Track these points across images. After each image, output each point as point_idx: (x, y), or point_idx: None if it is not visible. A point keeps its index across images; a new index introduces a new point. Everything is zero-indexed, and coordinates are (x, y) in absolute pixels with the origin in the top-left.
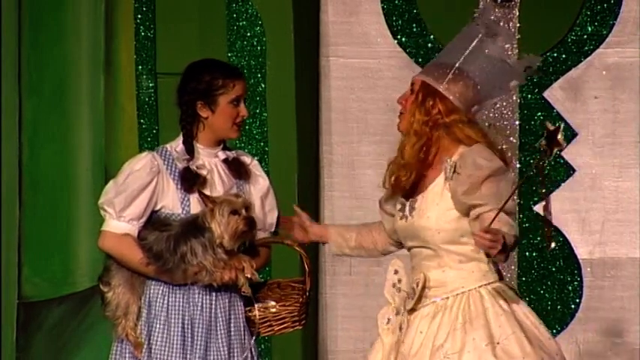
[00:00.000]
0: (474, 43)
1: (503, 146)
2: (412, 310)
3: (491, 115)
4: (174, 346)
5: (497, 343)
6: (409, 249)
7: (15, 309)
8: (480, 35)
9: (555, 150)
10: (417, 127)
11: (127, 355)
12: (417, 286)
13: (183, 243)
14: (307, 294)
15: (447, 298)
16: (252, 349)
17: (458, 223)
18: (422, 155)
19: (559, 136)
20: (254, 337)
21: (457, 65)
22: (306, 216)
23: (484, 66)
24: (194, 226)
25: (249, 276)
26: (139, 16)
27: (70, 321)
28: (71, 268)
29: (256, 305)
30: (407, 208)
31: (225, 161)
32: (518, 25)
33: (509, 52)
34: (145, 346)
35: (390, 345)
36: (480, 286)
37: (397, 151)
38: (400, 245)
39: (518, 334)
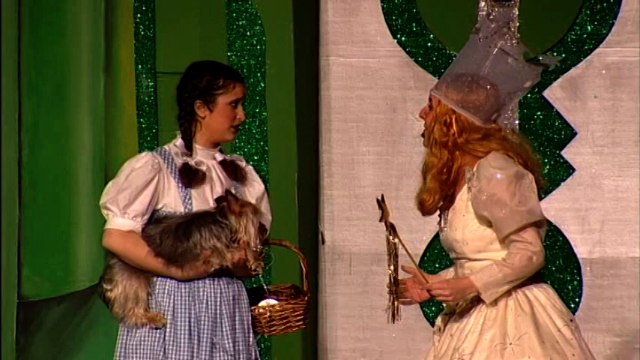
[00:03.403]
0: (487, 51)
1: (528, 149)
2: (451, 314)
3: None
4: (183, 341)
5: (510, 344)
6: (452, 260)
7: (15, 308)
8: (491, 43)
9: (386, 220)
10: (435, 150)
11: (132, 350)
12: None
13: (195, 230)
14: (309, 294)
15: (479, 302)
16: (255, 347)
17: (483, 232)
18: (444, 176)
19: (384, 206)
20: (258, 337)
21: (472, 76)
22: (419, 271)
23: (501, 72)
24: (209, 219)
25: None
26: (139, 15)
27: (70, 320)
28: (71, 267)
29: (261, 303)
30: (442, 221)
31: (222, 163)
32: (517, 24)
33: (520, 53)
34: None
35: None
36: (511, 290)
37: (421, 173)
38: None
39: (530, 334)
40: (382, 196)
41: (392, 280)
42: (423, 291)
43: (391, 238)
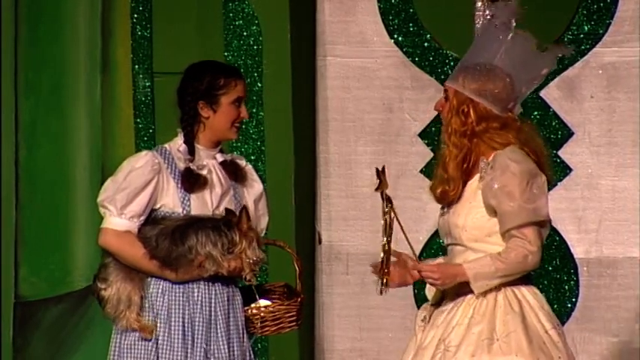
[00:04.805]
0: (501, 40)
1: (542, 144)
2: (437, 305)
3: None
4: (176, 343)
5: (497, 340)
6: (447, 246)
7: (12, 308)
8: (505, 31)
9: (382, 191)
10: (455, 140)
11: (126, 349)
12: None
13: (192, 234)
14: (302, 295)
15: (467, 295)
16: (249, 349)
17: (485, 222)
18: (464, 166)
19: (383, 177)
20: (253, 338)
21: (488, 66)
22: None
23: (516, 60)
24: (209, 224)
25: (254, 258)
26: (136, 15)
27: (67, 320)
28: (68, 267)
29: (253, 305)
30: (446, 206)
31: (223, 163)
32: (514, 24)
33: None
34: (155, 332)
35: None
36: (500, 287)
37: (439, 163)
38: None
39: (518, 333)
40: (383, 167)
41: (384, 251)
42: (404, 273)
43: (387, 209)
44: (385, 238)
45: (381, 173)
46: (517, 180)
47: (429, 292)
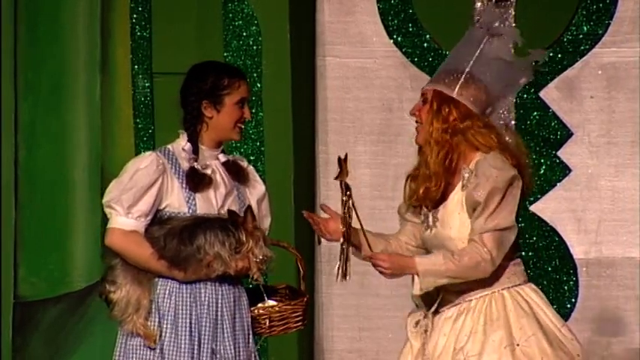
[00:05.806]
0: (480, 46)
1: (522, 147)
2: (436, 313)
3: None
4: (183, 344)
5: (517, 345)
6: None
7: (11, 308)
8: (485, 37)
9: (342, 180)
10: (436, 137)
11: (132, 350)
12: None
13: (201, 234)
14: (307, 295)
15: (471, 300)
16: (254, 349)
17: None
18: (447, 164)
19: (344, 165)
20: (261, 339)
21: (467, 70)
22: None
23: (493, 67)
24: (217, 224)
25: (261, 257)
26: (135, 15)
27: (66, 320)
28: (68, 267)
29: (260, 305)
30: (430, 219)
31: (225, 164)
32: (513, 24)
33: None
34: (157, 341)
35: (417, 348)
36: (504, 289)
37: (419, 164)
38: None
39: (538, 336)
40: (346, 156)
41: (343, 239)
42: (336, 229)
43: (345, 198)
44: (344, 228)
45: (342, 161)
46: (499, 187)
47: (416, 297)
